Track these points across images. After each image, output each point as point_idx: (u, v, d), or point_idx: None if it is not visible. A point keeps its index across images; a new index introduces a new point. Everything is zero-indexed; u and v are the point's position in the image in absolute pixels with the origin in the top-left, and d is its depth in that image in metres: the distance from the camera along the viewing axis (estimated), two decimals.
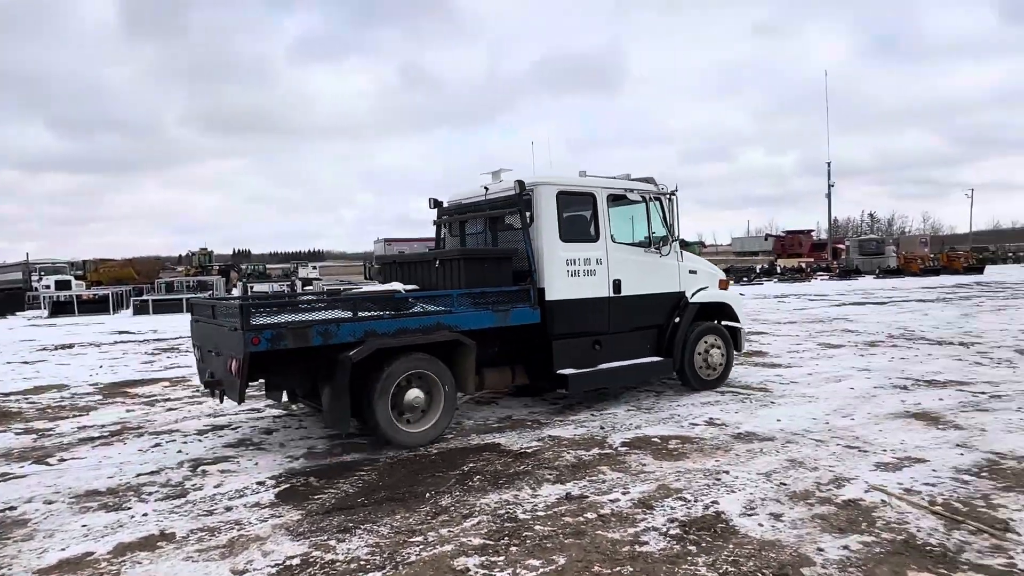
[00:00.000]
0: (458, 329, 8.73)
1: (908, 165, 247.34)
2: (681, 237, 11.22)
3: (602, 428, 9.04)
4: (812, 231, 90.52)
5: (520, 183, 9.50)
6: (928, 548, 5.53)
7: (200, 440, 9.14)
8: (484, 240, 10.57)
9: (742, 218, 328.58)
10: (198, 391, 12.45)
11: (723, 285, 11.71)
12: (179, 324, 26.35)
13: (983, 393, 10.31)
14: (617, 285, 10.20)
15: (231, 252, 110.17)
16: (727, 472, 7.20)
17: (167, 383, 13.53)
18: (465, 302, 8.91)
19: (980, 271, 59.94)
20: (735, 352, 11.78)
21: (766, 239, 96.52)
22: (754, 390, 11.13)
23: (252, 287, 43.90)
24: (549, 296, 9.56)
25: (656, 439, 8.44)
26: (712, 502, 6.43)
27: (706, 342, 11.16)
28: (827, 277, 59.11)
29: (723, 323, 11.54)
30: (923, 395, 10.34)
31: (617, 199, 10.42)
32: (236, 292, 44.64)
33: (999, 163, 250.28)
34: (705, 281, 11.46)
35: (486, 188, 10.52)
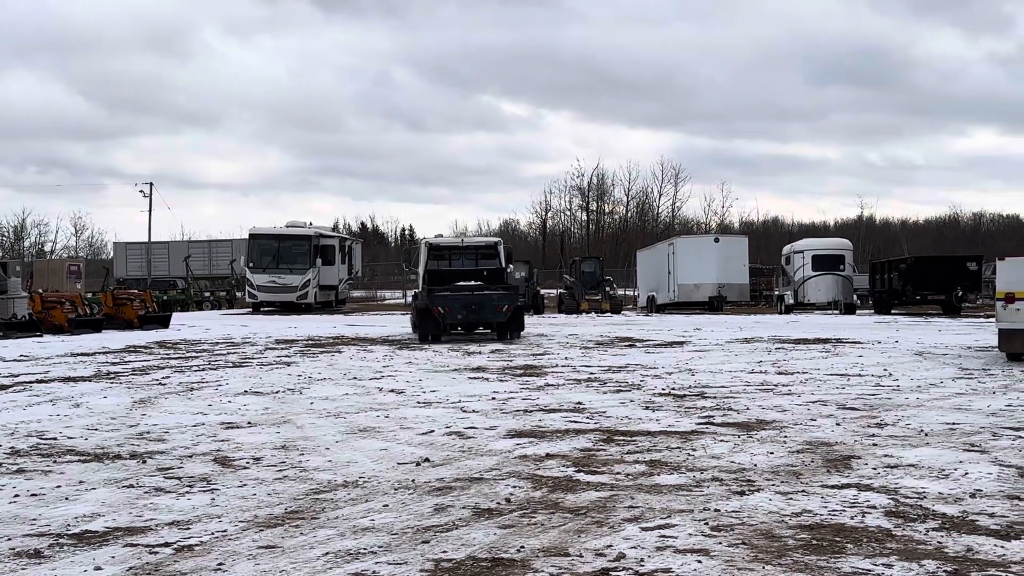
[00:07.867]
0: (518, 302, 22.18)
1: None
2: None
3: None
4: None
5: (498, 241, 24.74)
6: None
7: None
8: (463, 265, 23.23)
9: None
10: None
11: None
12: None
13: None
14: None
15: None
16: None
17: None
18: (517, 292, 23.67)
19: (166, 323, 29.22)
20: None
21: None
22: None
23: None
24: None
25: None
26: None
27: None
28: None
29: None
30: None
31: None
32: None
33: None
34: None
35: (463, 239, 25.42)
